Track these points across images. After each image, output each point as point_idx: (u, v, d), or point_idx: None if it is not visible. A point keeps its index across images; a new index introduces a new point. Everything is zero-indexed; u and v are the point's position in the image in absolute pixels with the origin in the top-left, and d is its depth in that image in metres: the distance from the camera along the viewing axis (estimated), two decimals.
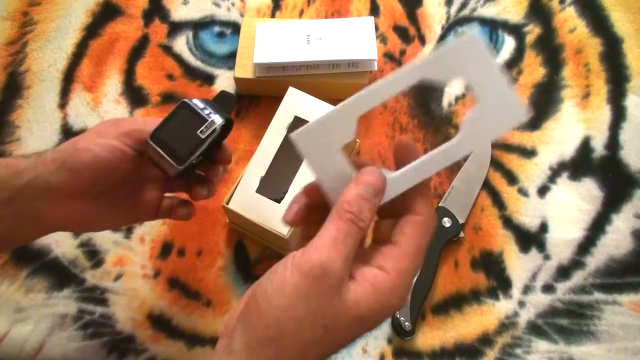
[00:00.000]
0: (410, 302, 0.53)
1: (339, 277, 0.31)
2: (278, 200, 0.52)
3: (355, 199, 0.33)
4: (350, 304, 0.32)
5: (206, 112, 0.44)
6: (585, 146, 0.61)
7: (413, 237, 0.33)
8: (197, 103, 0.44)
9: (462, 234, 0.57)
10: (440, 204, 0.58)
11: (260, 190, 0.52)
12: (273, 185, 0.53)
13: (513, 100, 0.34)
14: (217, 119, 0.44)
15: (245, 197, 0.53)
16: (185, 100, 0.44)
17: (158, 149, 0.43)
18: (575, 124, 0.62)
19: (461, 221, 0.57)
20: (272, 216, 0.52)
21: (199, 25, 0.69)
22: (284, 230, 0.52)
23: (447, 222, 0.57)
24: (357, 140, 0.61)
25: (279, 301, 0.31)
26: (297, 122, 0.53)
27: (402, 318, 0.52)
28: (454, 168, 0.60)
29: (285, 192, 0.52)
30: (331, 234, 0.32)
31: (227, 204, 0.53)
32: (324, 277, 0.31)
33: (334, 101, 0.64)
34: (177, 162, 0.43)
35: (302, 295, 0.31)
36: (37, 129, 0.64)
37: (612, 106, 0.62)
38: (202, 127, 0.43)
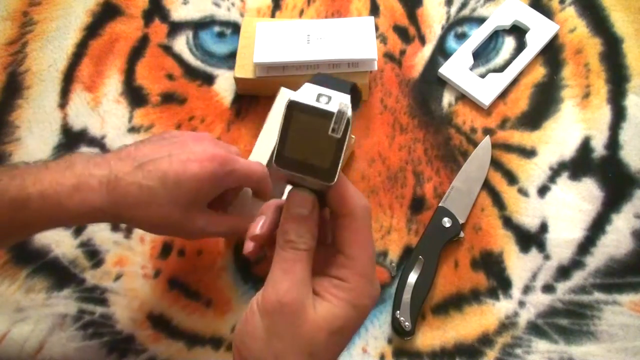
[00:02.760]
0: (410, 302, 0.53)
1: (300, 304, 0.33)
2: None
3: (289, 225, 0.34)
4: (322, 323, 0.33)
5: (324, 101, 0.33)
6: (585, 146, 0.61)
7: (355, 240, 0.35)
8: (307, 94, 0.34)
9: (462, 234, 0.57)
10: (440, 204, 0.58)
11: None
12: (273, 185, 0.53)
13: None
14: (343, 103, 0.33)
15: (246, 200, 0.53)
16: (293, 99, 0.33)
17: (295, 174, 0.34)
18: (575, 124, 0.62)
19: (461, 221, 0.57)
20: None
21: (199, 25, 0.69)
22: None
23: (447, 222, 0.57)
24: (353, 136, 0.60)
25: (257, 346, 0.33)
26: None
27: (402, 318, 0.52)
28: (454, 168, 0.60)
29: (282, 193, 0.52)
30: (281, 267, 0.34)
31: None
32: (285, 310, 0.32)
33: None
34: (327, 179, 0.34)
35: (275, 334, 0.33)
36: (37, 129, 0.64)
37: (612, 106, 0.62)
38: (332, 124, 0.33)
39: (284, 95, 0.55)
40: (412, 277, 0.54)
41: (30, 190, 0.42)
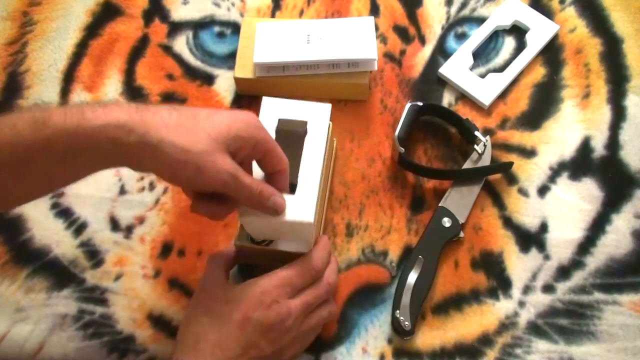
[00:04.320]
0: (410, 302, 0.53)
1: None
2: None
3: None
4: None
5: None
6: (585, 146, 0.61)
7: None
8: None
9: (462, 234, 0.57)
10: (440, 204, 0.58)
11: None
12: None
13: None
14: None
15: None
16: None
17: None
18: (575, 124, 0.62)
19: (461, 221, 0.57)
20: (290, 237, 0.52)
21: (199, 25, 0.69)
22: (304, 248, 0.52)
23: (447, 222, 0.57)
24: (334, 139, 0.60)
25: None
26: (284, 123, 0.52)
27: (402, 318, 0.52)
28: (455, 168, 0.60)
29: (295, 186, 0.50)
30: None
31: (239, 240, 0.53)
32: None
33: (334, 101, 0.64)
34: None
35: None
36: None
37: (612, 106, 0.62)
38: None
39: (267, 105, 0.54)
40: (412, 277, 0.54)
41: (53, 110, 0.40)
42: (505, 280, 0.56)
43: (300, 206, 0.48)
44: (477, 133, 0.59)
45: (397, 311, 0.53)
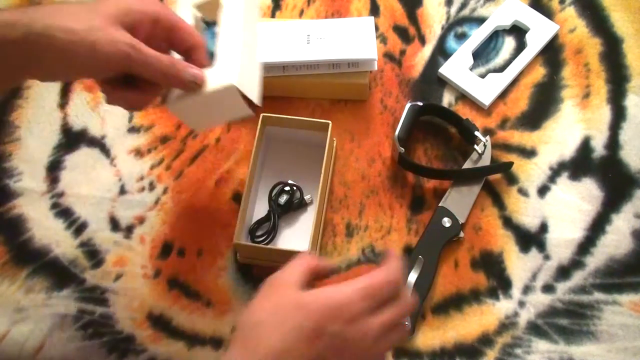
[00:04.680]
0: None
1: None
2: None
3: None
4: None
5: None
6: (585, 146, 0.61)
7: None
8: None
9: (462, 234, 0.57)
10: (440, 204, 0.58)
11: None
12: None
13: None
14: None
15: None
16: None
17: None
18: (575, 124, 0.62)
19: (461, 221, 0.57)
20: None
21: None
22: (304, 247, 0.52)
23: (447, 222, 0.57)
24: (334, 139, 0.60)
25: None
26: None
27: None
28: (455, 168, 0.60)
29: None
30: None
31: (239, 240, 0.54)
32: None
33: (334, 101, 0.64)
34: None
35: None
36: (37, 129, 0.64)
37: (612, 106, 0.62)
38: None
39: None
40: (412, 277, 0.54)
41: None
42: (505, 280, 0.56)
43: (222, 72, 0.45)
44: (477, 133, 0.59)
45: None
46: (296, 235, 0.58)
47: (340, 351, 0.40)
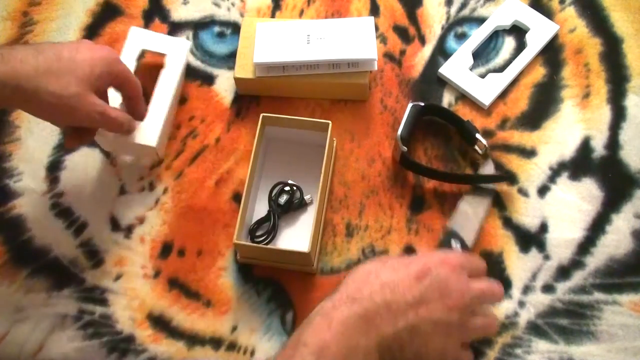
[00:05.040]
0: None
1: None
2: None
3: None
4: None
5: None
6: (585, 146, 0.61)
7: None
8: None
9: None
10: (448, 224, 0.56)
11: None
12: None
13: None
14: None
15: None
16: None
17: None
18: (575, 124, 0.62)
19: (469, 244, 0.55)
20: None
21: (199, 25, 0.69)
22: (304, 247, 0.52)
23: (456, 244, 0.55)
24: (334, 139, 0.60)
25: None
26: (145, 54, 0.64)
27: None
28: (454, 168, 0.60)
29: None
30: None
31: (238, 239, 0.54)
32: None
33: (334, 101, 0.64)
34: None
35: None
36: (37, 129, 0.65)
37: (612, 106, 0.62)
38: None
39: (132, 35, 0.64)
40: None
41: None
42: (505, 280, 0.56)
43: (147, 132, 0.59)
44: (478, 135, 0.59)
45: None
46: (296, 235, 0.58)
47: (442, 295, 0.44)
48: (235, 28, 0.69)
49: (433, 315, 0.44)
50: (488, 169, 0.59)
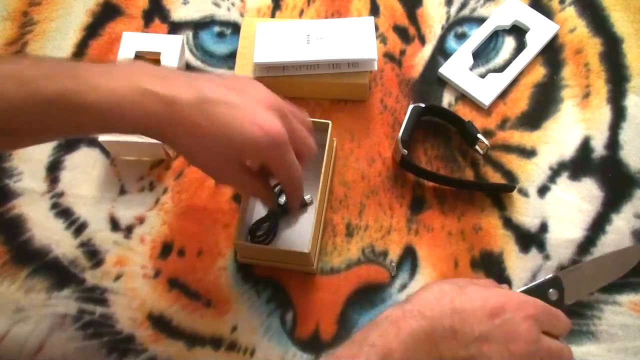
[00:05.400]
0: None
1: None
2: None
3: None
4: None
5: None
6: (585, 146, 0.61)
7: None
8: None
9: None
10: (558, 274, 0.52)
11: None
12: None
13: None
14: None
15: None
16: None
17: None
18: (575, 124, 0.62)
19: (567, 302, 0.52)
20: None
21: (199, 25, 0.69)
22: (304, 247, 0.52)
23: (554, 294, 0.51)
24: (334, 139, 0.60)
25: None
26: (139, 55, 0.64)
27: None
28: (454, 168, 0.60)
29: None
30: None
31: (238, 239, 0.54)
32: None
33: (334, 101, 0.64)
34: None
35: None
36: None
37: (612, 106, 0.62)
38: None
39: (126, 39, 0.65)
40: None
41: (88, 96, 0.40)
42: (505, 280, 0.56)
43: None
44: (479, 135, 0.59)
45: None
46: (296, 235, 0.58)
47: (507, 339, 0.44)
48: (235, 28, 0.69)
49: (493, 355, 0.44)
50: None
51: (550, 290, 0.51)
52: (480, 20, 0.68)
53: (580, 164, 0.60)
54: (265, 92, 0.46)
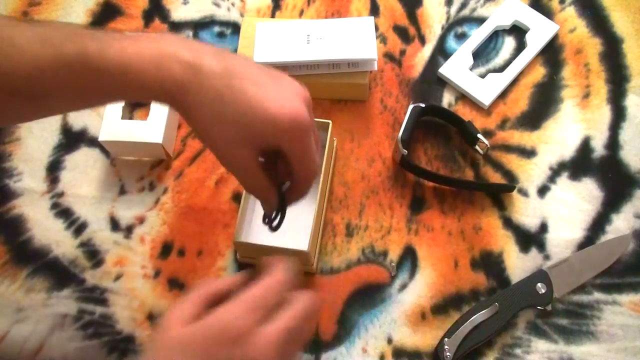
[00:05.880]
0: (465, 337, 0.51)
1: None
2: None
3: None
4: None
5: None
6: (585, 146, 0.61)
7: None
8: None
9: (549, 307, 0.53)
10: (544, 267, 0.55)
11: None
12: None
13: None
14: None
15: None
16: None
17: None
18: (575, 124, 0.62)
19: (556, 295, 0.53)
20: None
21: (199, 25, 0.69)
22: (303, 246, 0.52)
23: (541, 287, 0.53)
24: (334, 139, 0.60)
25: None
26: None
27: (447, 347, 0.51)
28: (454, 168, 0.60)
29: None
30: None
31: (239, 238, 0.54)
32: None
33: (334, 101, 0.64)
34: None
35: None
36: (37, 129, 0.64)
37: (612, 106, 0.62)
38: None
39: None
40: (480, 317, 0.52)
41: (111, 57, 0.39)
42: (505, 280, 0.56)
43: (152, 130, 0.60)
44: (479, 135, 0.59)
45: (447, 339, 0.52)
46: (296, 235, 0.58)
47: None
48: (235, 28, 0.69)
49: None
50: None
51: (538, 284, 0.53)
52: (480, 20, 0.68)
53: (580, 164, 0.60)
54: (297, 84, 0.44)
